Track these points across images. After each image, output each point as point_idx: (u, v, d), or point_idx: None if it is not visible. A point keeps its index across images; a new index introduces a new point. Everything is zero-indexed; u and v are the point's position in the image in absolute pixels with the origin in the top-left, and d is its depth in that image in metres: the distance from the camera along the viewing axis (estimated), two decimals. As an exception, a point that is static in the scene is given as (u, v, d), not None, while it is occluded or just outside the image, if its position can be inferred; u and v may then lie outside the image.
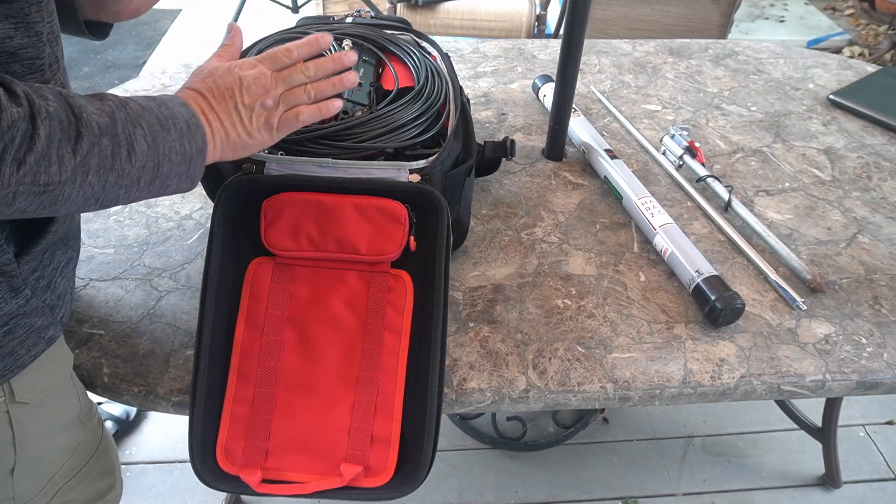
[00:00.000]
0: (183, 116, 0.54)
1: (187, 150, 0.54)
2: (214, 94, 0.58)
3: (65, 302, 0.63)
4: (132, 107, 0.51)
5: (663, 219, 0.85)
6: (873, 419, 1.58)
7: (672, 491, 1.43)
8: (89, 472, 0.72)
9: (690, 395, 0.71)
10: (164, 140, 0.52)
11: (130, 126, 0.49)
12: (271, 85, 0.60)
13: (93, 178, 0.47)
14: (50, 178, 0.44)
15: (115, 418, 1.48)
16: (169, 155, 0.52)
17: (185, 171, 0.54)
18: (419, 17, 2.01)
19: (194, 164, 0.55)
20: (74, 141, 0.45)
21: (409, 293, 0.69)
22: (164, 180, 0.53)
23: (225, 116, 0.58)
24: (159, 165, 0.52)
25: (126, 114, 0.50)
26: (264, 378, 0.67)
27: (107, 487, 0.76)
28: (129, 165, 0.49)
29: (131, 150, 0.49)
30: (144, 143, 0.50)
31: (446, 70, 0.82)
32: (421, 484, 0.63)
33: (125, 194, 0.51)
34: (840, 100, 1.16)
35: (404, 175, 0.69)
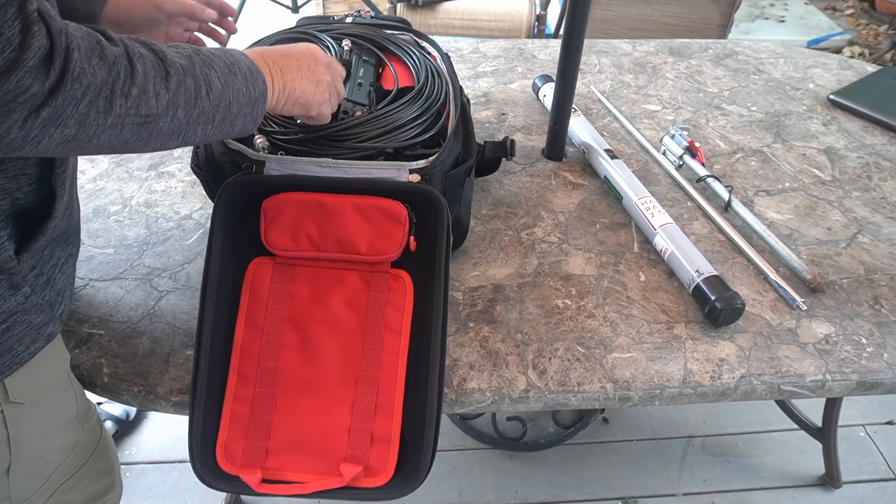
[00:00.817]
0: (245, 63, 0.59)
1: (251, 93, 0.58)
2: (281, 52, 0.64)
3: (64, 298, 0.63)
4: (204, 52, 0.55)
5: (663, 219, 0.85)
6: (873, 419, 1.58)
7: (672, 491, 1.43)
8: (87, 473, 0.72)
9: (690, 395, 0.71)
10: (233, 82, 0.56)
11: (206, 68, 0.54)
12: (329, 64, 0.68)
13: (181, 113, 0.52)
14: (150, 110, 0.49)
15: (115, 418, 1.48)
16: (237, 96, 0.57)
17: (250, 112, 0.59)
18: (419, 17, 2.01)
19: (257, 107, 0.59)
20: (165, 78, 0.50)
21: (409, 293, 0.69)
22: (234, 119, 0.57)
23: (287, 70, 0.64)
24: (230, 105, 0.56)
25: (201, 58, 0.54)
26: (264, 378, 0.67)
27: (106, 488, 0.76)
28: (208, 103, 0.54)
29: (209, 89, 0.54)
30: (219, 83, 0.55)
31: (446, 70, 0.82)
32: (421, 484, 0.63)
33: (202, 131, 0.55)
34: (840, 100, 1.16)
35: (404, 175, 0.69)
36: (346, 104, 0.76)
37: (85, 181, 0.96)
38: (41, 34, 0.42)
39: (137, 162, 1.00)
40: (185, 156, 1.01)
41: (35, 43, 0.41)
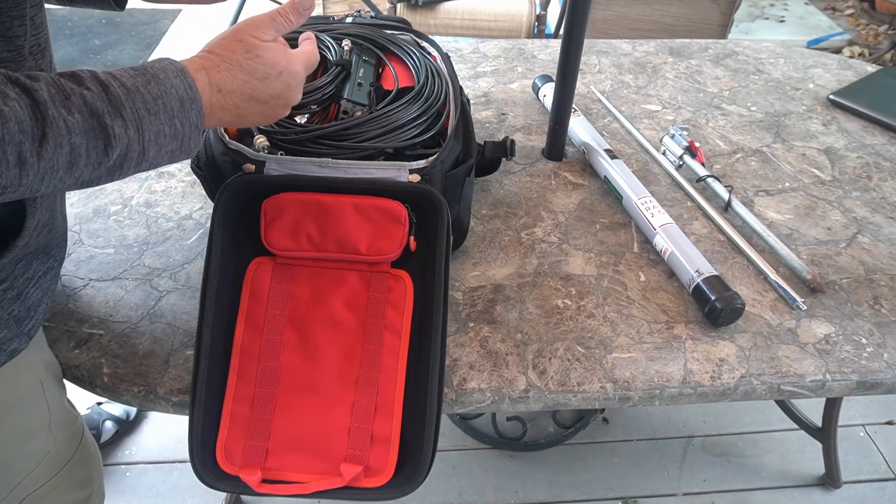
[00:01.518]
0: (177, 91, 0.49)
1: (178, 131, 0.50)
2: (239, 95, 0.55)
3: (36, 314, 0.61)
4: (114, 91, 0.46)
5: (663, 219, 0.85)
6: (873, 419, 1.58)
7: (672, 491, 1.43)
8: (62, 482, 0.71)
9: (690, 395, 0.71)
10: (151, 125, 0.47)
11: (109, 118, 0.45)
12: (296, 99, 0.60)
13: (63, 175, 0.44)
14: (9, 182, 0.41)
15: (116, 418, 1.48)
16: (156, 139, 0.48)
17: (178, 148, 0.51)
18: (419, 17, 2.01)
19: (189, 141, 0.51)
20: (39, 142, 0.41)
21: (409, 293, 0.69)
22: (153, 161, 0.50)
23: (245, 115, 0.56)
24: (145, 151, 0.48)
25: (106, 102, 0.45)
26: (264, 378, 0.67)
27: (82, 498, 0.75)
28: (105, 158, 0.46)
29: (108, 143, 0.45)
30: (125, 134, 0.46)
31: (446, 70, 0.82)
32: (421, 484, 0.63)
33: (107, 178, 0.48)
34: (840, 100, 1.16)
35: (404, 175, 0.69)
36: (346, 104, 0.76)
37: (85, 181, 0.96)
38: None
39: (137, 162, 0.99)
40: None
41: None
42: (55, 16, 3.26)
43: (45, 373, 0.68)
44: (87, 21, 3.24)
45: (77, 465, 0.74)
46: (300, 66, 0.59)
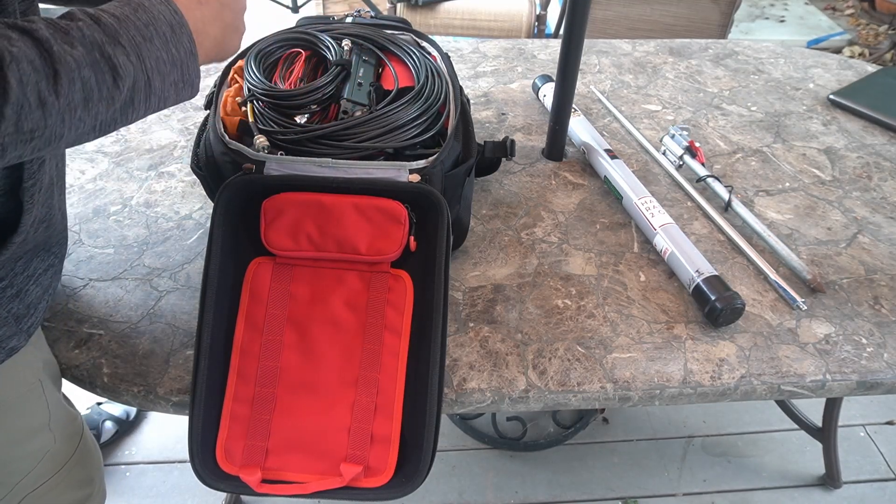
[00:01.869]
0: (165, 17, 0.49)
1: (176, 57, 0.49)
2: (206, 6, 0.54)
3: (36, 311, 0.61)
4: (106, 22, 0.45)
5: (663, 219, 0.85)
6: (873, 419, 1.58)
7: (672, 491, 1.43)
8: (61, 481, 0.71)
9: (690, 395, 0.71)
10: (149, 52, 0.47)
11: (109, 48, 0.44)
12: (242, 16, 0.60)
13: (82, 114, 0.44)
14: (35, 125, 0.41)
15: (115, 418, 1.48)
16: (157, 66, 0.48)
17: (181, 78, 0.50)
18: (419, 17, 2.01)
19: (188, 69, 0.51)
20: (53, 81, 0.41)
21: (409, 293, 0.69)
22: (161, 94, 0.49)
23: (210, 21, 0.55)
24: (150, 81, 0.47)
25: (102, 34, 0.45)
26: (264, 378, 0.67)
27: (82, 498, 0.75)
28: (116, 91, 0.45)
29: (116, 74, 0.45)
30: (129, 62, 0.45)
31: (446, 70, 0.82)
32: (421, 484, 0.63)
33: (122, 117, 0.48)
34: (840, 100, 1.16)
35: (404, 175, 0.69)
36: (346, 104, 0.76)
37: (85, 181, 0.96)
38: None
39: (137, 162, 0.99)
40: (185, 156, 1.01)
41: None
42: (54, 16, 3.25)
43: (44, 372, 0.68)
44: (87, 21, 3.24)
45: (77, 465, 0.73)
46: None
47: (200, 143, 0.78)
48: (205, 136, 0.77)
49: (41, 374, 0.67)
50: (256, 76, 0.76)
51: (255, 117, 0.73)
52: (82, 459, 0.75)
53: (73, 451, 0.73)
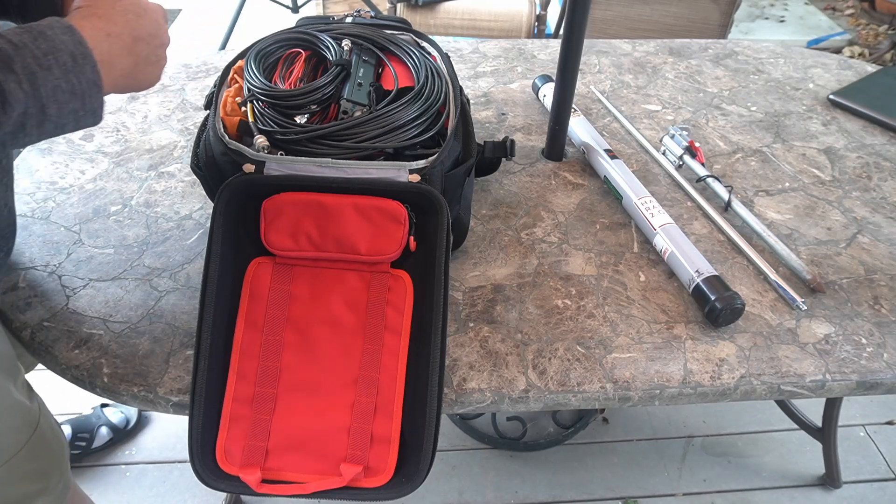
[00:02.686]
0: (67, 47, 0.48)
1: (76, 87, 0.49)
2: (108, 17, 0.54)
3: None
4: (2, 48, 0.45)
5: (663, 219, 0.85)
6: (873, 419, 1.58)
7: (672, 491, 1.43)
8: (9, 473, 0.71)
9: (690, 395, 0.71)
10: (45, 80, 0.47)
11: (1, 74, 0.44)
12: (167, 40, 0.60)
13: None
14: None
15: (113, 426, 1.47)
16: (54, 95, 0.47)
17: (81, 107, 0.50)
18: (419, 17, 2.01)
19: (89, 98, 0.50)
20: None
21: (408, 293, 0.69)
22: (57, 121, 0.49)
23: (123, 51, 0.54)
24: (45, 108, 0.47)
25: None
26: (264, 378, 0.67)
27: (34, 492, 0.75)
28: (5, 117, 0.45)
29: (4, 101, 0.45)
30: (20, 89, 0.45)
31: (446, 70, 0.82)
32: (421, 484, 0.63)
33: (12, 141, 0.47)
34: (840, 100, 1.16)
35: (404, 175, 0.69)
36: (346, 104, 0.76)
37: (85, 181, 0.96)
38: None
39: (137, 162, 1.00)
40: (185, 156, 1.01)
41: None
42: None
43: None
44: (87, 21, 3.24)
45: (26, 458, 0.73)
46: (155, 4, 0.59)
47: (200, 143, 0.78)
48: (205, 136, 0.77)
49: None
50: (256, 76, 0.76)
51: (255, 117, 0.73)
52: (33, 453, 0.74)
53: (20, 445, 0.72)
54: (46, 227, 0.87)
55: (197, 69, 1.22)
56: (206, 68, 1.22)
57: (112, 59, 0.52)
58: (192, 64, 1.24)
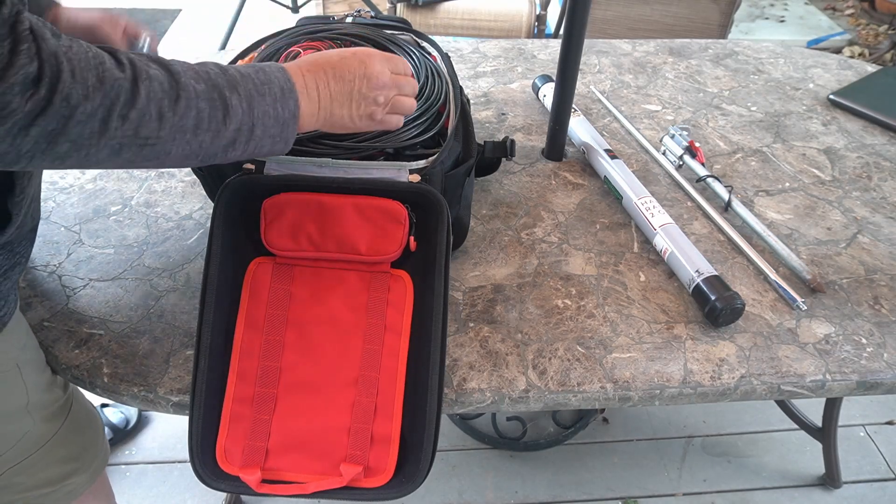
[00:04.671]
0: (278, 81, 0.57)
1: (280, 114, 0.57)
2: (335, 75, 0.61)
3: (7, 303, 0.65)
4: (231, 73, 0.54)
5: (663, 219, 0.85)
6: (873, 419, 1.58)
7: (672, 491, 1.43)
8: (41, 459, 0.73)
9: (690, 395, 0.71)
10: (259, 104, 0.55)
11: (227, 91, 0.53)
12: (390, 84, 0.64)
13: (190, 137, 0.51)
14: (149, 133, 0.49)
15: (113, 426, 1.47)
16: (263, 118, 0.55)
17: (279, 133, 0.57)
18: (419, 17, 2.01)
19: (287, 128, 0.58)
20: (174, 101, 0.49)
21: (409, 293, 0.69)
22: (259, 141, 0.56)
23: (337, 96, 0.61)
24: (253, 128, 0.55)
25: (225, 79, 0.53)
26: (264, 378, 0.67)
27: (65, 473, 0.78)
28: (223, 127, 0.53)
29: (227, 113, 0.53)
30: (240, 106, 0.54)
31: (446, 70, 0.82)
32: (421, 484, 0.63)
33: (222, 153, 0.55)
34: (840, 100, 1.16)
35: (404, 175, 0.69)
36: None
37: (85, 181, 0.96)
38: (29, 54, 0.43)
39: (137, 162, 0.99)
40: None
41: (20, 62, 0.42)
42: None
43: (22, 357, 0.69)
44: (87, 21, 3.24)
45: (58, 444, 0.75)
46: (376, 52, 0.65)
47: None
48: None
49: (19, 359, 0.69)
50: None
51: None
52: (66, 438, 0.77)
53: (53, 431, 0.75)
54: (46, 227, 0.87)
55: (197, 69, 1.22)
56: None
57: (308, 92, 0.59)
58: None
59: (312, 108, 0.59)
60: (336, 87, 0.61)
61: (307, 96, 0.59)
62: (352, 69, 0.62)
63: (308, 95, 0.59)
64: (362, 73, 0.62)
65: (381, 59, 0.64)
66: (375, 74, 0.62)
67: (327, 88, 0.60)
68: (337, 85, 0.61)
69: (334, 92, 0.61)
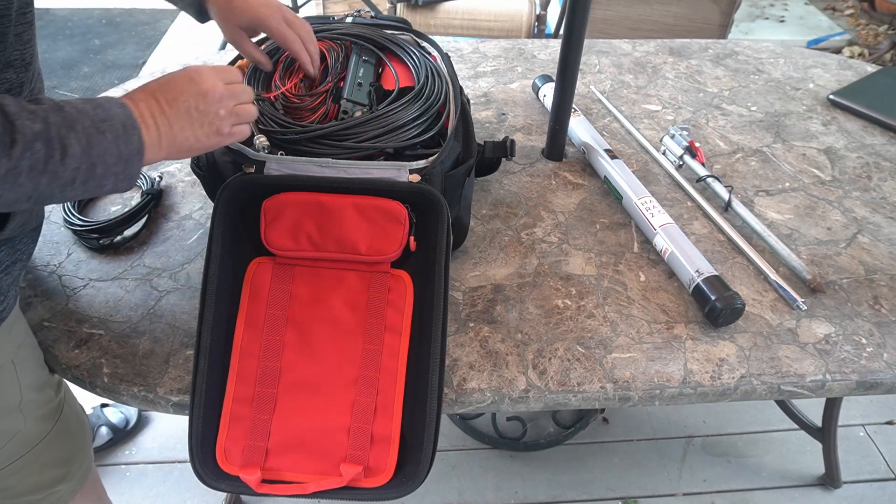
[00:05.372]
0: (119, 118, 0.54)
1: (122, 151, 0.54)
2: (167, 99, 0.59)
3: (6, 299, 0.64)
4: (67, 111, 0.52)
5: (663, 219, 0.85)
6: (873, 419, 1.58)
7: (672, 491, 1.43)
8: (32, 462, 0.73)
9: (690, 395, 0.71)
10: (99, 142, 0.52)
11: (65, 130, 0.50)
12: (226, 95, 0.62)
13: (24, 180, 0.49)
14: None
15: (112, 426, 1.47)
16: (103, 156, 0.53)
17: (122, 171, 0.55)
18: (419, 17, 2.01)
19: (130, 164, 0.55)
20: (8, 146, 0.47)
21: (409, 293, 0.69)
22: (100, 180, 0.54)
23: (175, 120, 0.59)
24: (94, 167, 0.52)
25: (61, 118, 0.51)
26: (264, 378, 0.67)
27: (56, 478, 0.77)
28: (62, 168, 0.50)
29: (64, 153, 0.50)
30: (78, 146, 0.51)
31: (446, 70, 0.82)
32: (421, 484, 0.63)
33: (59, 193, 0.52)
34: (840, 100, 1.16)
35: (404, 175, 0.69)
36: (346, 104, 0.76)
37: (85, 181, 0.96)
38: None
39: (137, 162, 0.99)
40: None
41: None
42: (55, 16, 3.26)
43: (18, 354, 0.69)
44: (87, 21, 3.24)
45: (49, 446, 0.75)
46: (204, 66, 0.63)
47: (200, 143, 0.78)
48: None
49: (15, 357, 0.68)
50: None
51: None
52: (57, 440, 0.76)
53: (45, 432, 0.74)
54: (46, 227, 0.87)
55: (197, 69, 1.22)
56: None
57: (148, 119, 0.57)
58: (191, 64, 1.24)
59: (154, 138, 0.57)
60: (172, 111, 0.58)
61: (146, 127, 0.56)
62: (183, 89, 0.60)
63: (146, 125, 0.57)
64: (195, 91, 0.60)
65: (210, 72, 0.62)
66: (209, 89, 0.60)
67: (164, 115, 0.58)
68: (172, 108, 0.58)
69: (171, 117, 0.58)
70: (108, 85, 2.74)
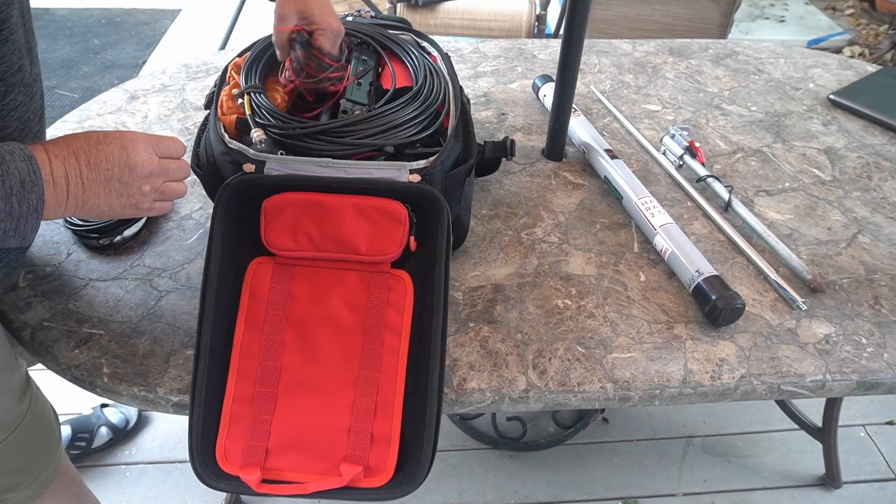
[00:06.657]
0: (19, 174, 0.51)
1: (15, 209, 0.51)
2: (89, 162, 0.56)
3: None
4: None
5: (663, 219, 0.85)
6: (873, 419, 1.58)
7: (672, 491, 1.43)
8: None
9: (690, 395, 0.71)
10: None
11: None
12: (157, 172, 0.60)
13: None
14: None
15: (112, 426, 1.47)
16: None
17: (14, 228, 0.52)
18: (419, 17, 2.01)
19: (24, 222, 0.52)
20: None
21: (409, 293, 0.69)
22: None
23: (90, 185, 0.56)
24: None
25: None
26: (264, 378, 0.67)
27: (7, 486, 0.77)
28: None
29: None
30: None
31: (446, 70, 0.82)
32: (421, 484, 0.63)
33: None
34: (840, 100, 1.16)
35: (404, 175, 0.69)
36: (346, 104, 0.76)
37: (85, 181, 0.96)
38: None
39: (137, 162, 0.99)
40: (186, 156, 1.01)
41: None
42: (54, 16, 3.26)
43: None
44: (86, 21, 3.24)
45: (3, 454, 0.74)
46: (140, 136, 0.59)
47: (201, 142, 0.78)
48: (205, 136, 0.77)
49: None
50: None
51: (252, 110, 0.73)
52: (11, 449, 0.75)
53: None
54: (46, 227, 0.87)
55: (197, 69, 1.22)
56: (206, 68, 1.22)
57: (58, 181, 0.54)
58: (192, 64, 1.24)
59: (60, 197, 0.54)
60: (89, 175, 0.55)
61: (53, 185, 0.53)
62: (110, 156, 0.56)
63: (55, 184, 0.53)
64: (123, 161, 0.57)
65: (146, 143, 0.59)
66: (139, 163, 0.58)
67: (79, 177, 0.55)
68: (91, 172, 0.55)
69: (87, 180, 0.55)
70: (107, 84, 2.74)
